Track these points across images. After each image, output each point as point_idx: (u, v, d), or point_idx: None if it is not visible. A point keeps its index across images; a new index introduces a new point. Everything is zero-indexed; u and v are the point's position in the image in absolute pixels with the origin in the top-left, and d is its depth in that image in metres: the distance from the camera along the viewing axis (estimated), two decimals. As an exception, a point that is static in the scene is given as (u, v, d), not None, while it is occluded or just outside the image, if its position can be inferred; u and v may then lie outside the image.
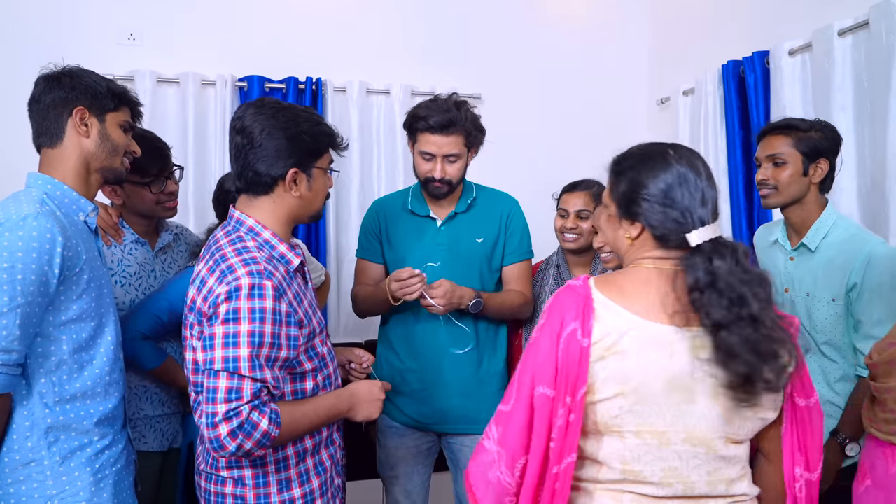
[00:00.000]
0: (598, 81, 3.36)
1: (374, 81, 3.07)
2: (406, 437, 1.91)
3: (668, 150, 1.15)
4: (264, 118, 1.32)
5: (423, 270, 1.80)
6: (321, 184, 1.40)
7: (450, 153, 1.83)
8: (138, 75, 2.79)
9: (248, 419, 1.22)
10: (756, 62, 2.59)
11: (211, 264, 1.30)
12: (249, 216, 1.36)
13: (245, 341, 1.22)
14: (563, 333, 1.10)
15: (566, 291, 1.15)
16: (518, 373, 1.14)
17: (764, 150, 1.84)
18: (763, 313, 1.07)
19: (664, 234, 1.13)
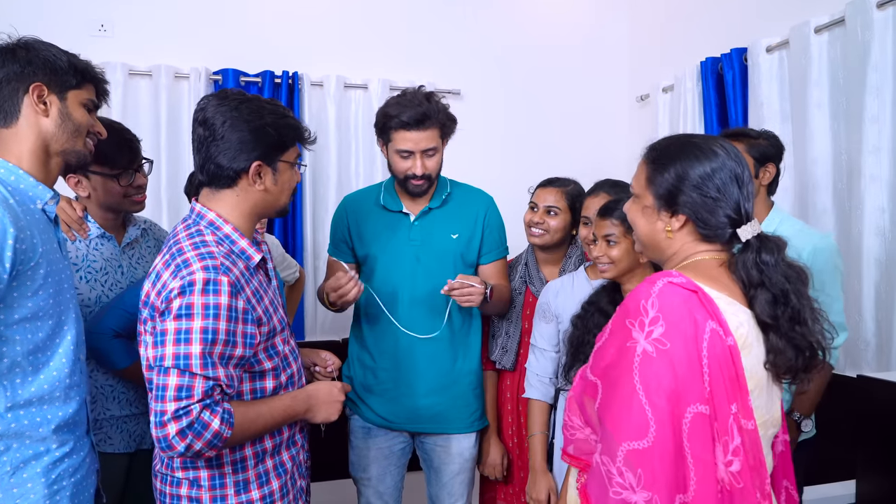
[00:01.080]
0: (578, 77, 3.35)
1: (352, 76, 3.03)
2: (378, 438, 1.88)
3: (716, 142, 1.11)
4: (227, 110, 1.27)
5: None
6: (287, 178, 1.36)
7: (427, 147, 1.80)
8: (109, 67, 2.72)
9: (199, 418, 1.17)
10: (734, 59, 2.59)
11: (167, 258, 1.26)
12: (211, 209, 1.31)
13: (197, 338, 1.18)
14: (702, 336, 0.98)
15: (675, 290, 1.00)
16: (641, 396, 0.97)
17: None
18: (805, 310, 1.06)
19: (712, 229, 1.08)
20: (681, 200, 1.08)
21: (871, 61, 2.06)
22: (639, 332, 1.00)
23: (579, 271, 1.86)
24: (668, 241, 1.12)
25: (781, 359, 1.05)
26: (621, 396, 0.99)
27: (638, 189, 1.15)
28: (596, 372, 1.07)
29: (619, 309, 1.07)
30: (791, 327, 1.04)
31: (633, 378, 0.99)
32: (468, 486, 1.95)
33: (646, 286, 1.04)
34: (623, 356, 1.01)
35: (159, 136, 2.79)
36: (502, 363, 1.97)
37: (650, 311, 1.00)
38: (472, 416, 1.91)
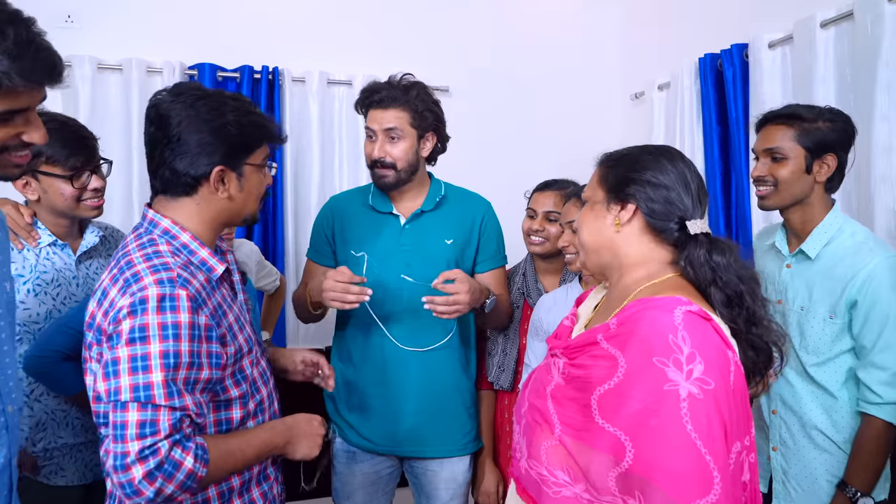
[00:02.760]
0: (570, 74, 3.23)
1: (336, 71, 2.89)
2: (364, 463, 1.74)
3: (671, 148, 1.12)
4: (182, 107, 1.12)
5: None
6: (255, 182, 1.21)
7: (389, 126, 1.67)
8: (76, 61, 2.57)
9: (169, 457, 1.02)
10: (734, 55, 2.48)
11: (115, 272, 1.10)
12: (165, 216, 1.16)
13: (157, 364, 1.02)
14: (730, 369, 0.93)
15: (698, 321, 0.94)
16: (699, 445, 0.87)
17: (762, 142, 1.59)
18: (759, 310, 1.02)
19: (660, 219, 1.05)
20: (631, 190, 1.07)
21: (882, 57, 1.95)
22: (676, 373, 0.89)
23: (574, 283, 1.74)
24: (617, 237, 1.07)
25: (743, 361, 1.01)
26: (674, 449, 0.87)
27: (589, 192, 1.13)
28: (617, 422, 0.92)
29: (633, 343, 0.94)
30: (748, 329, 1.01)
31: (684, 427, 0.87)
32: None
33: (662, 316, 0.93)
34: (663, 402, 0.89)
35: (130, 135, 2.63)
36: (500, 383, 1.85)
37: (684, 348, 0.90)
38: (465, 437, 1.78)
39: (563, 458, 0.98)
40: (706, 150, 2.66)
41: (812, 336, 1.53)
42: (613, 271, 1.10)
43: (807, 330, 1.54)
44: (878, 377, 1.44)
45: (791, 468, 1.59)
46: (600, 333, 1.00)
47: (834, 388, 1.51)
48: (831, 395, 1.52)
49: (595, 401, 0.96)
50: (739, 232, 2.51)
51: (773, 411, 1.62)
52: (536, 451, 1.03)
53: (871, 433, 1.45)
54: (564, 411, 1.00)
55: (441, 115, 1.77)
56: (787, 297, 1.61)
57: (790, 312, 1.59)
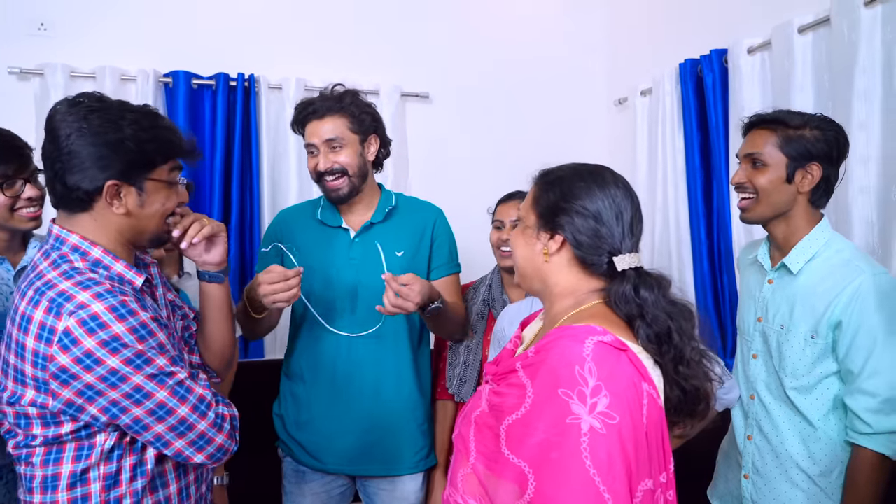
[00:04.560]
0: (553, 80, 3.18)
1: (313, 78, 2.84)
2: (313, 483, 1.70)
3: (606, 171, 1.07)
4: (74, 119, 1.08)
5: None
6: (160, 198, 1.16)
7: (329, 137, 1.65)
8: (49, 69, 2.54)
9: (221, 414, 1.15)
10: (714, 61, 2.44)
11: (31, 295, 1.06)
12: (73, 232, 1.13)
13: (129, 370, 1.04)
14: (642, 402, 0.90)
15: (609, 352, 0.90)
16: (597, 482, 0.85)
17: (744, 146, 1.51)
18: (687, 349, 0.98)
19: (589, 253, 1.02)
20: (561, 221, 1.04)
21: (859, 63, 1.90)
22: (580, 406, 0.86)
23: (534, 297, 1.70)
24: (546, 266, 1.05)
25: (669, 400, 0.98)
26: (572, 485, 0.84)
27: (523, 211, 1.10)
28: (521, 453, 0.89)
29: (542, 373, 0.90)
30: (675, 368, 0.97)
31: (583, 462, 0.84)
32: None
33: (572, 346, 0.90)
34: (565, 435, 0.86)
35: (104, 143, 2.60)
36: (461, 395, 1.81)
37: (589, 380, 0.87)
38: (416, 455, 1.74)
39: (475, 488, 0.96)
40: (687, 155, 2.62)
41: (791, 357, 1.44)
42: (545, 298, 1.08)
43: (786, 350, 1.45)
44: (866, 404, 1.33)
45: (761, 499, 1.51)
46: (519, 361, 0.97)
47: (815, 417, 1.42)
48: (810, 425, 1.43)
49: (504, 430, 0.93)
50: (720, 239, 2.47)
51: (749, 437, 1.55)
52: (455, 478, 1.01)
53: (863, 466, 1.35)
54: (482, 439, 0.97)
55: (379, 116, 1.75)
56: (766, 315, 1.52)
57: (770, 331, 1.51)
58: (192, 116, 2.71)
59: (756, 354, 1.54)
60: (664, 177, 2.73)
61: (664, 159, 2.72)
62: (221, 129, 2.71)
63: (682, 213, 2.64)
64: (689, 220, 2.61)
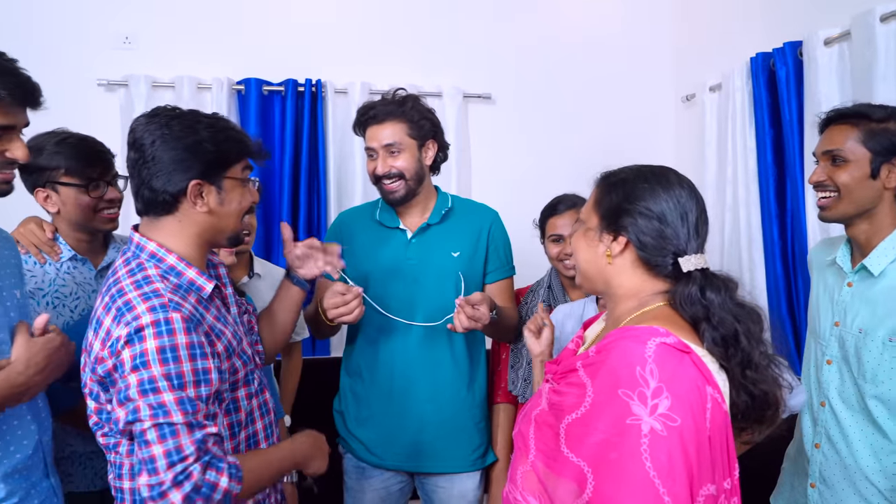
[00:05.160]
0: (618, 78, 3.13)
1: (377, 82, 2.91)
2: (374, 479, 1.74)
3: (671, 172, 1.06)
4: (155, 128, 1.16)
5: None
6: (237, 196, 1.24)
7: (388, 142, 1.68)
8: (133, 80, 2.70)
9: (204, 480, 1.05)
10: (788, 54, 2.34)
11: (107, 301, 1.14)
12: (151, 240, 1.20)
13: (165, 385, 1.06)
14: (705, 406, 0.89)
15: (671, 353, 0.90)
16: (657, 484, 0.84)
17: (822, 144, 1.46)
18: (755, 353, 0.95)
19: (653, 254, 1.00)
20: (624, 222, 1.02)
21: (947, 52, 1.80)
22: (640, 407, 0.86)
23: (591, 297, 1.68)
24: (609, 268, 1.03)
25: (735, 405, 0.96)
26: (631, 486, 0.84)
27: (585, 213, 1.09)
28: (581, 452, 0.89)
29: (603, 373, 0.90)
30: (742, 372, 0.94)
31: (643, 463, 0.84)
32: None
33: (634, 347, 0.89)
34: (625, 436, 0.86)
35: (182, 149, 2.74)
36: (525, 396, 1.81)
37: (650, 381, 0.86)
38: (474, 452, 1.75)
39: (534, 485, 0.96)
40: (759, 153, 2.52)
41: (870, 362, 1.38)
42: (608, 300, 1.07)
43: (864, 355, 1.39)
44: None
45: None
46: (580, 361, 0.97)
47: (892, 429, 1.36)
48: (885, 437, 1.36)
49: (563, 429, 0.93)
50: (795, 240, 2.37)
51: (817, 445, 1.49)
52: (514, 475, 1.01)
53: None
54: (541, 437, 0.98)
55: (437, 122, 1.77)
56: (844, 320, 1.46)
57: (847, 336, 1.45)
58: (263, 121, 2.82)
59: (831, 360, 1.48)
60: (734, 175, 2.64)
61: (734, 157, 2.63)
62: (290, 132, 2.81)
63: (753, 213, 2.55)
64: (761, 220, 2.51)
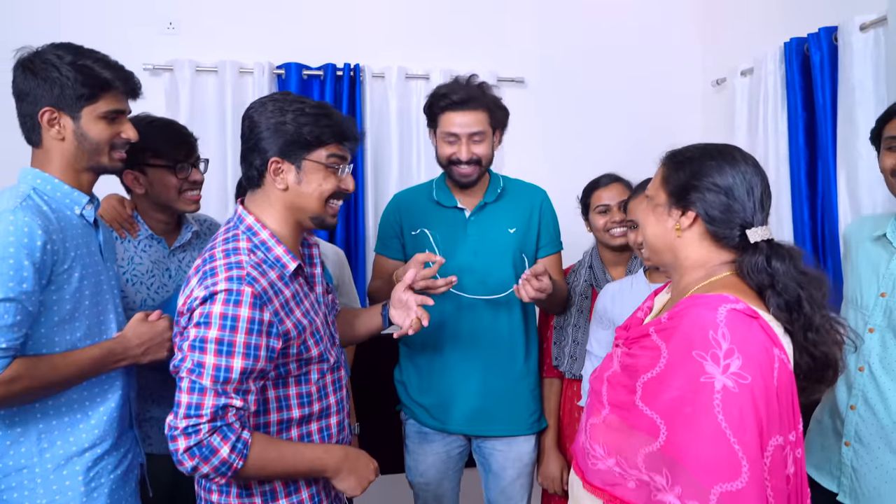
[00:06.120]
0: (649, 62, 3.18)
1: (413, 66, 2.98)
2: (435, 443, 1.85)
3: (735, 149, 1.13)
4: (255, 107, 1.29)
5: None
6: (315, 179, 1.29)
7: (474, 131, 1.74)
8: (177, 65, 2.78)
9: (208, 442, 1.14)
10: (822, 39, 2.38)
11: (199, 263, 1.26)
12: (250, 213, 1.31)
13: (212, 348, 1.16)
14: (773, 366, 0.97)
15: (741, 317, 0.98)
16: (728, 435, 0.92)
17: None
18: (816, 317, 1.03)
19: (721, 227, 1.07)
20: (692, 196, 1.08)
21: (985, 38, 1.84)
22: (713, 367, 0.94)
23: (638, 274, 1.76)
24: (678, 241, 1.10)
25: (798, 367, 1.03)
26: (704, 436, 0.92)
27: (652, 190, 1.15)
28: (655, 407, 0.99)
29: (677, 336, 0.99)
30: (804, 335, 1.02)
31: (715, 417, 0.92)
32: (527, 491, 1.90)
33: (706, 313, 0.98)
34: (699, 393, 0.94)
35: (225, 134, 2.82)
36: (572, 372, 1.90)
37: (723, 343, 0.94)
38: (531, 417, 1.86)
39: (603, 434, 1.06)
40: (791, 138, 2.57)
41: None
42: (675, 271, 1.15)
43: None
44: None
45: (861, 466, 1.55)
46: (653, 327, 1.05)
47: None
48: None
49: (640, 386, 1.02)
50: (825, 222, 2.42)
51: (852, 406, 1.58)
52: (585, 426, 1.11)
53: None
54: (615, 394, 1.07)
55: (507, 110, 1.83)
56: (893, 291, 1.54)
57: (895, 306, 1.53)
58: (303, 106, 2.89)
59: (873, 329, 1.56)
60: (765, 158, 2.68)
61: (765, 140, 2.68)
62: (329, 117, 2.88)
63: (783, 195, 2.60)
64: (791, 201, 2.57)
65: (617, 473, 1.03)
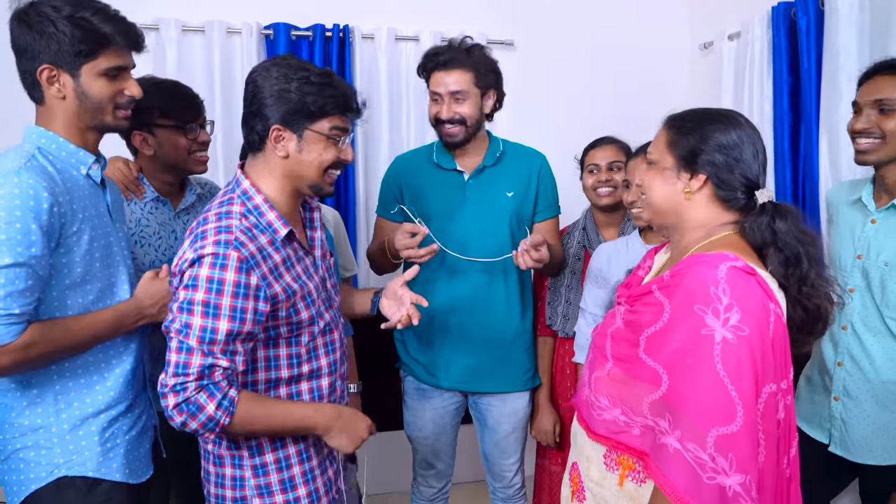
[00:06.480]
0: (638, 25, 3.19)
1: (403, 28, 2.96)
2: (434, 399, 1.92)
3: (738, 114, 1.17)
4: (260, 71, 1.28)
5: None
6: (316, 149, 1.30)
7: (455, 90, 1.77)
8: (163, 24, 2.73)
9: (195, 399, 1.19)
10: (809, 4, 2.41)
11: (194, 225, 1.28)
12: (247, 178, 1.32)
13: (199, 310, 1.19)
14: (769, 319, 1.03)
15: (740, 274, 1.03)
16: (726, 382, 0.98)
17: (869, 93, 1.57)
18: (811, 273, 1.10)
19: (729, 190, 1.12)
20: (702, 160, 1.13)
21: (967, 4, 1.89)
22: (714, 320, 1.00)
23: (633, 235, 1.82)
24: (686, 203, 1.15)
25: (791, 319, 1.10)
26: (703, 384, 0.99)
27: (656, 154, 1.18)
28: (658, 358, 1.05)
29: (679, 293, 1.05)
30: (798, 289, 1.09)
31: (715, 366, 0.99)
32: (521, 444, 1.99)
33: (707, 271, 1.03)
34: (700, 344, 1.01)
35: (213, 94, 2.79)
36: (565, 330, 1.97)
37: (723, 298, 1.00)
38: (525, 374, 1.94)
39: (607, 386, 1.13)
40: (775, 101, 2.62)
41: (894, 292, 1.55)
42: (675, 232, 1.19)
43: (889, 286, 1.56)
44: None
45: (850, 419, 1.64)
46: (655, 284, 1.11)
47: None
48: None
49: (643, 340, 1.08)
50: (806, 185, 2.50)
51: (839, 363, 1.66)
52: (589, 380, 1.18)
53: None
54: (618, 349, 1.13)
55: (500, 73, 1.86)
56: (868, 253, 1.62)
57: (872, 267, 1.60)
58: (292, 67, 2.86)
59: (853, 289, 1.64)
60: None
61: (750, 104, 2.73)
62: (318, 78, 2.86)
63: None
64: (774, 164, 2.63)
65: (622, 422, 1.10)
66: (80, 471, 1.29)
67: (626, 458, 1.11)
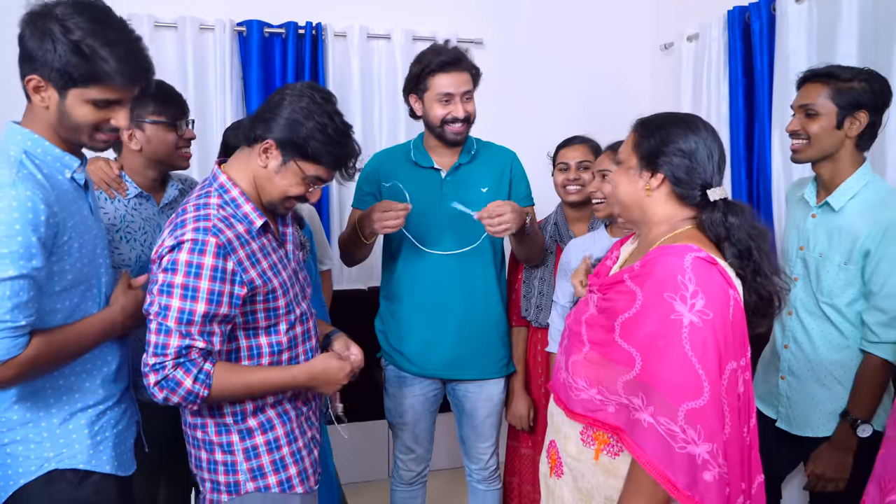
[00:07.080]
0: (601, 26, 3.31)
1: (375, 26, 3.02)
2: (414, 386, 2.00)
3: (698, 119, 1.29)
4: (295, 91, 1.36)
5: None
6: (290, 180, 1.37)
7: (467, 89, 1.87)
8: (135, 19, 2.72)
9: (172, 376, 1.28)
10: (763, 8, 2.56)
11: (173, 216, 1.36)
12: (224, 172, 1.40)
13: (178, 293, 1.27)
14: (729, 303, 1.13)
15: (704, 265, 1.14)
16: (694, 362, 1.09)
17: (800, 98, 1.72)
18: (764, 264, 1.21)
19: (685, 188, 1.23)
20: (661, 161, 1.24)
21: (904, 14, 2.03)
22: (682, 305, 1.11)
23: (600, 229, 1.93)
24: (648, 199, 1.26)
25: (748, 304, 1.22)
26: (673, 364, 1.10)
27: (624, 155, 1.30)
28: (633, 342, 1.15)
29: (650, 282, 1.16)
30: (754, 278, 1.21)
31: (683, 347, 1.10)
32: (497, 428, 2.09)
33: (675, 261, 1.15)
34: (670, 328, 1.11)
35: (186, 91, 2.79)
36: (538, 321, 2.07)
37: (689, 286, 1.12)
38: (500, 362, 2.03)
39: (584, 368, 1.23)
40: (731, 101, 2.76)
41: (827, 280, 1.69)
42: (642, 226, 1.30)
43: (823, 275, 1.70)
44: (878, 319, 1.62)
45: (794, 395, 1.79)
46: (626, 274, 1.21)
47: (846, 330, 1.68)
48: (841, 335, 1.69)
49: (618, 325, 1.19)
50: (760, 179, 2.64)
51: (786, 346, 1.82)
52: (566, 364, 1.28)
53: (871, 369, 1.64)
54: (594, 333, 1.24)
55: (480, 73, 1.94)
56: (808, 245, 1.76)
57: (810, 258, 1.75)
58: (265, 64, 2.89)
59: (797, 277, 1.79)
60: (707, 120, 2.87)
61: (708, 103, 2.87)
62: (291, 76, 2.90)
63: (723, 156, 2.80)
64: (730, 161, 2.77)
65: (598, 401, 1.20)
66: (71, 463, 1.30)
67: (602, 433, 1.21)
